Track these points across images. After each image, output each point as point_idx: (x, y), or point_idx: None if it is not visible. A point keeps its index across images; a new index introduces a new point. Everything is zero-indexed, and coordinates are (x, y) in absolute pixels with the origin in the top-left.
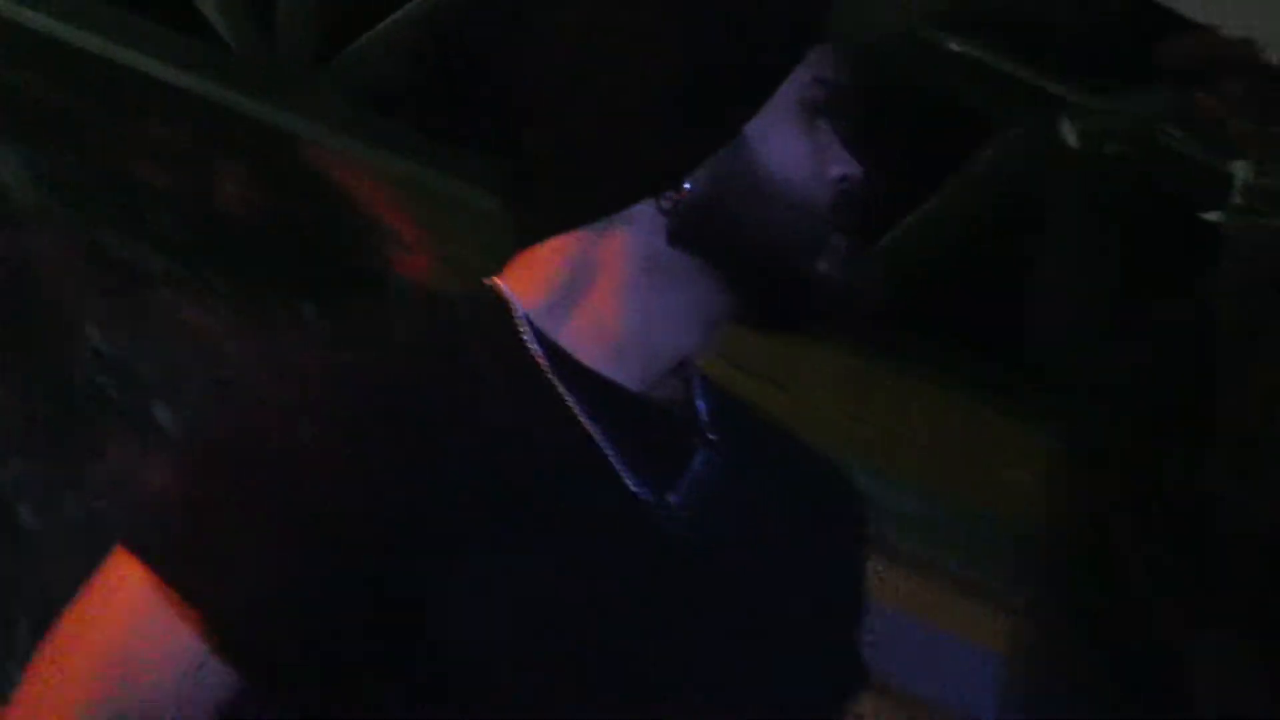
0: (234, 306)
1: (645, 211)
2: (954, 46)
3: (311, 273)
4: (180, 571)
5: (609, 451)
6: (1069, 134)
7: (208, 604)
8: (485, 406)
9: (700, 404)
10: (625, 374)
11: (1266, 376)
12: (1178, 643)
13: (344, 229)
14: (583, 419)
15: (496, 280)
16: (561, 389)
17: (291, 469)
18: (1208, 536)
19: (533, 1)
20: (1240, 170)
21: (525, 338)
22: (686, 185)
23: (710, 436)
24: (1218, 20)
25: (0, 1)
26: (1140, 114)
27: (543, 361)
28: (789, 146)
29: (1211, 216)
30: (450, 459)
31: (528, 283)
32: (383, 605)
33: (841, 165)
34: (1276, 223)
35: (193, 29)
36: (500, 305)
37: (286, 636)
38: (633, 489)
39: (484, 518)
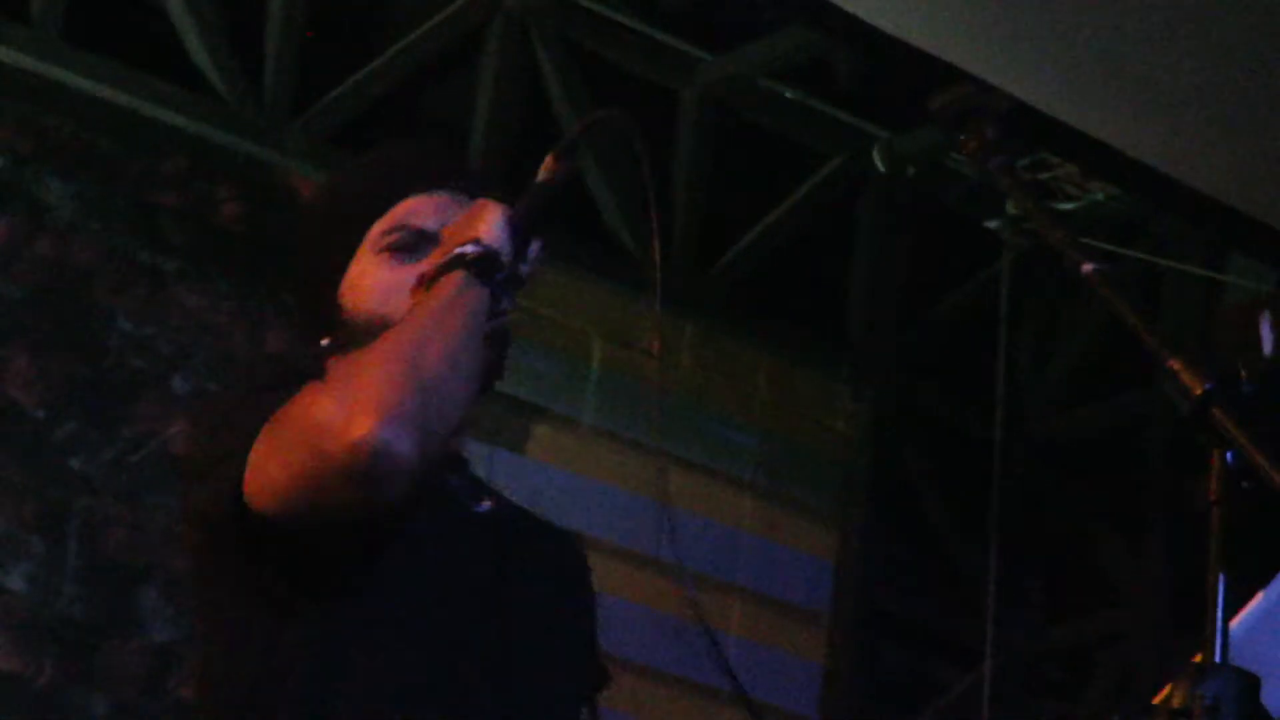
0: (232, 299)
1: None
2: (788, 94)
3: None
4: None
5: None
6: (879, 161)
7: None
8: None
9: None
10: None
11: (1030, 347)
12: (963, 554)
13: None
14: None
15: None
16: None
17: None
18: (971, 465)
19: None
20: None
21: None
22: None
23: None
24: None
25: (42, 65)
26: (931, 145)
27: None
28: (365, 286)
29: (991, 225)
30: None
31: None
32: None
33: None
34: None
35: (193, 82)
36: None
37: None
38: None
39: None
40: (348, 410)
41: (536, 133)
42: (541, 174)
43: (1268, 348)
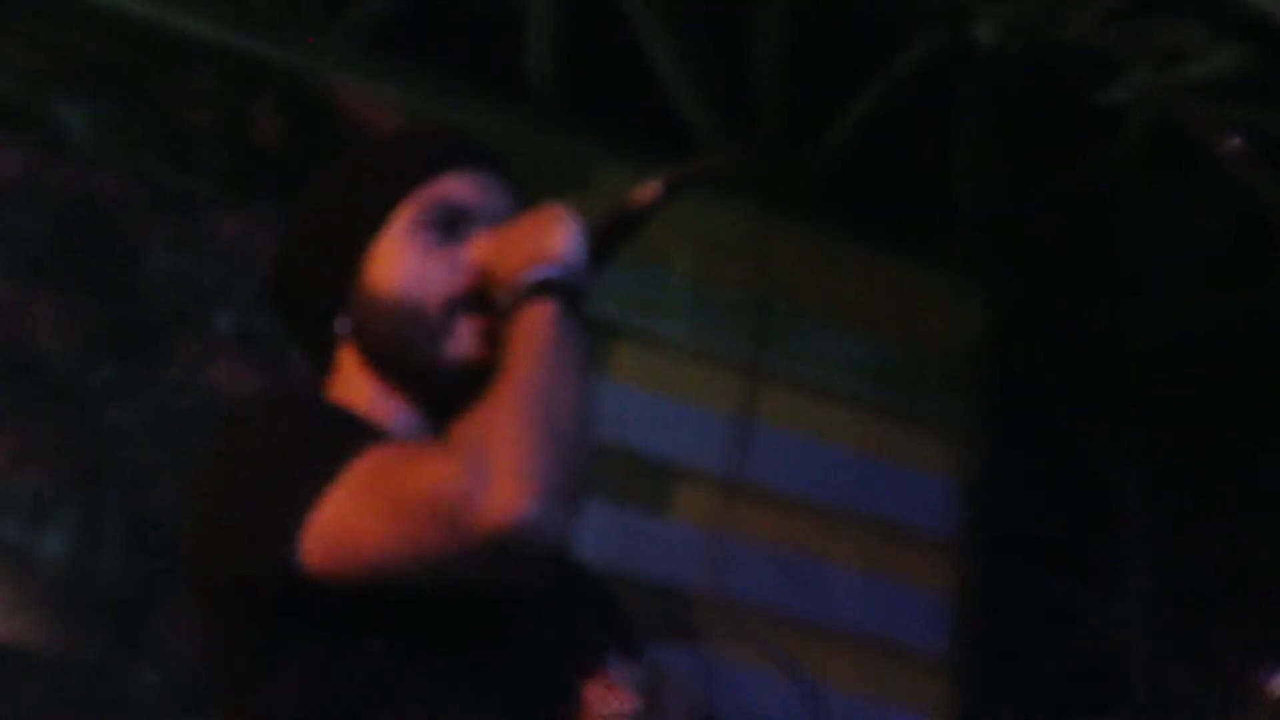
0: (275, 225)
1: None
2: None
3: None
4: None
5: None
6: (983, 32)
7: None
8: None
9: None
10: None
11: (1157, 229)
12: (1093, 456)
13: None
14: None
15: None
16: None
17: None
18: (1109, 365)
19: None
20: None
21: None
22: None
23: None
24: None
25: None
26: (1041, 12)
27: None
28: (398, 265)
29: (1109, 99)
30: None
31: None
32: None
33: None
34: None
35: None
36: None
37: None
38: None
39: None
40: (490, 484)
41: (596, 37)
42: (635, 197)
43: None
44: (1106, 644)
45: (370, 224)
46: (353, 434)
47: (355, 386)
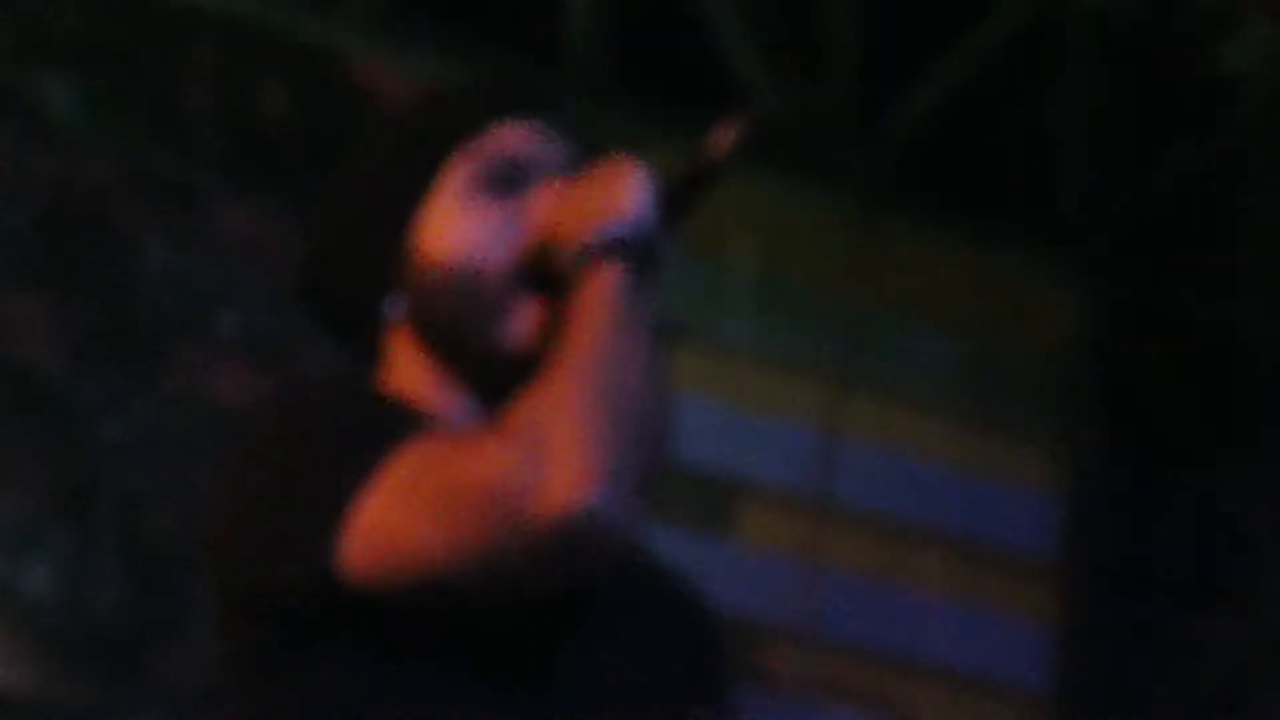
0: (285, 216)
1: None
2: None
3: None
4: None
5: None
6: None
7: None
8: None
9: None
10: None
11: None
12: (1205, 467)
13: None
14: None
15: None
16: None
17: None
18: (1232, 369)
19: None
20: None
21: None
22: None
23: None
24: None
25: None
26: None
27: None
28: (452, 229)
29: (1230, 58)
30: None
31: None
32: None
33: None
34: None
35: None
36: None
37: None
38: None
39: None
40: (552, 472)
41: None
42: (710, 146)
43: None
44: (1230, 679)
45: (419, 186)
46: (397, 423)
47: (407, 374)
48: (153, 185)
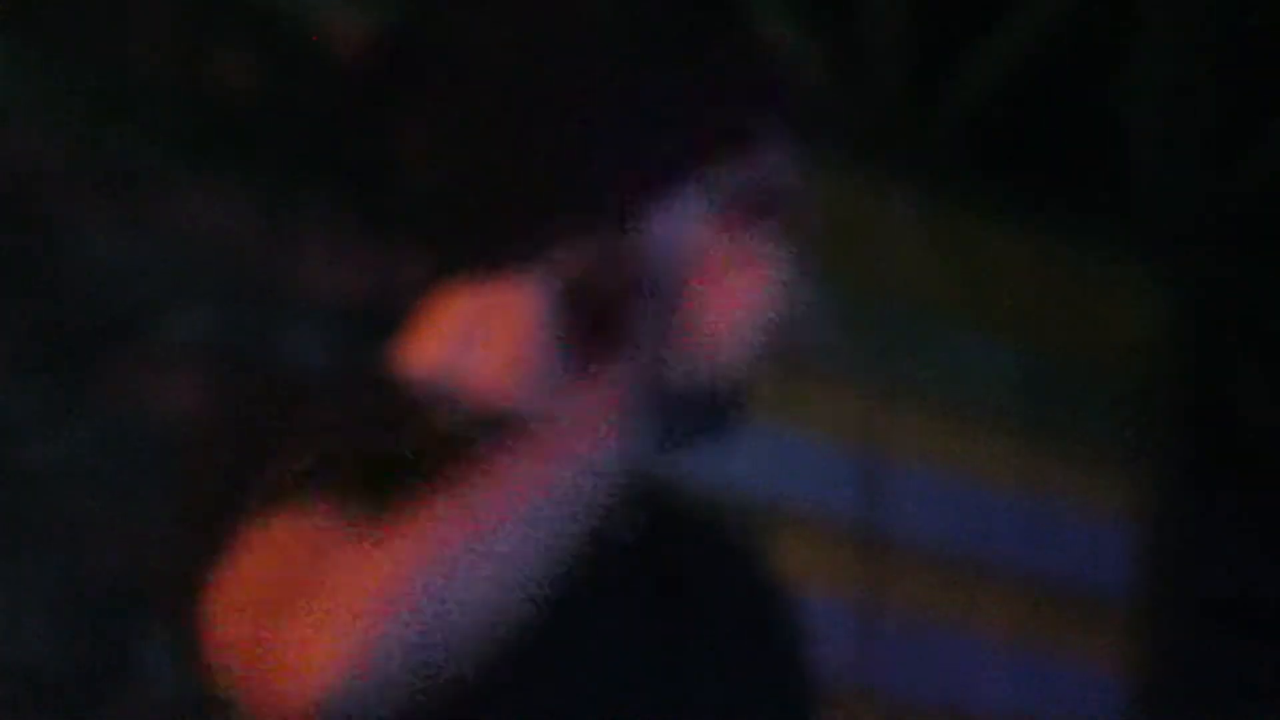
0: (249, 201)
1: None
2: None
3: (327, 158)
4: None
5: None
6: None
7: None
8: None
9: None
10: None
11: None
12: None
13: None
14: None
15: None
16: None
17: None
18: None
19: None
20: None
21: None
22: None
23: None
24: None
25: None
26: None
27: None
28: (686, 252)
29: None
30: None
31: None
32: None
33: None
34: None
35: None
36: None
37: None
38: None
39: None
40: (293, 656)
41: None
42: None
43: None
44: None
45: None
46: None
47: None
48: (93, 167)
